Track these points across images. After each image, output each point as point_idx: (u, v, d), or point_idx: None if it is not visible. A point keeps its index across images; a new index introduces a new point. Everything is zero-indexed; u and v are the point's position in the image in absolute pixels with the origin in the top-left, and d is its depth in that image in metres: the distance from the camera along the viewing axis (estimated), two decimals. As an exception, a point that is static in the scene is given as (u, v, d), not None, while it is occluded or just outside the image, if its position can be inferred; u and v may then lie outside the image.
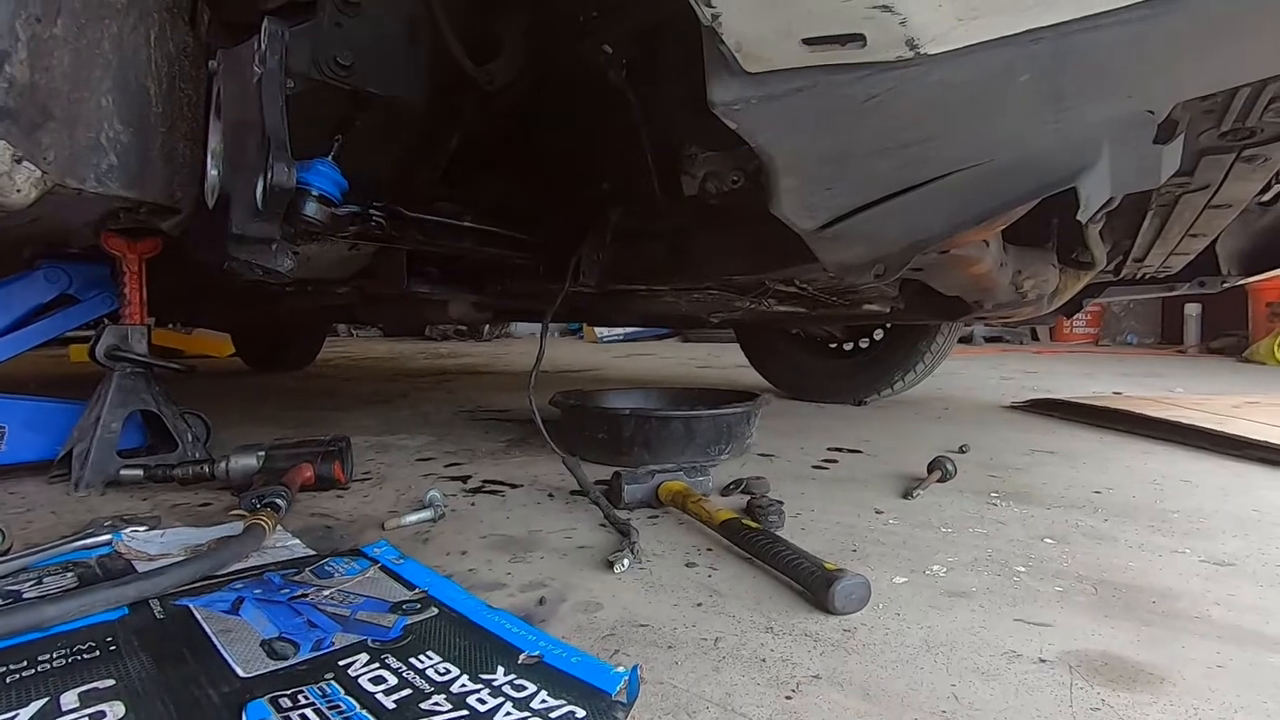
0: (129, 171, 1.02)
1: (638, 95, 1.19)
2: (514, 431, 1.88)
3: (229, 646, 0.64)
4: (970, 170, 0.73)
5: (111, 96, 0.98)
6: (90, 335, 1.38)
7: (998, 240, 1.07)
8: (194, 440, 1.40)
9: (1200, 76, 0.65)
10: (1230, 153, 1.03)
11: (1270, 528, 1.07)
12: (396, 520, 1.06)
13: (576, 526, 1.06)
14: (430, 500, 1.11)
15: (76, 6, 0.94)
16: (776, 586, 0.83)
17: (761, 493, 1.19)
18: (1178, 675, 0.63)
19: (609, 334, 6.99)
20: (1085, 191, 0.73)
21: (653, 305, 1.94)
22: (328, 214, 0.95)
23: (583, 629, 0.72)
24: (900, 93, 0.60)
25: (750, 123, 0.65)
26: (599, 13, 1.14)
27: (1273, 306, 5.17)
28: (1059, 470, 1.45)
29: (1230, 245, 1.69)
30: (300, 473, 1.21)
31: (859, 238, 0.84)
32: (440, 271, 1.69)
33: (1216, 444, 1.64)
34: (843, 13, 0.53)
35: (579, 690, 0.57)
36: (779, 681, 0.62)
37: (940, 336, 2.35)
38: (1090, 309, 6.61)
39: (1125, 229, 1.40)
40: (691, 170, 1.17)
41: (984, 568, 0.90)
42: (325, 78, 0.92)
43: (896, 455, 1.59)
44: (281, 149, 0.87)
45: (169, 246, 1.36)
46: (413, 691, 0.58)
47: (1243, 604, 0.79)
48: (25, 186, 0.91)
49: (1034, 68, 0.58)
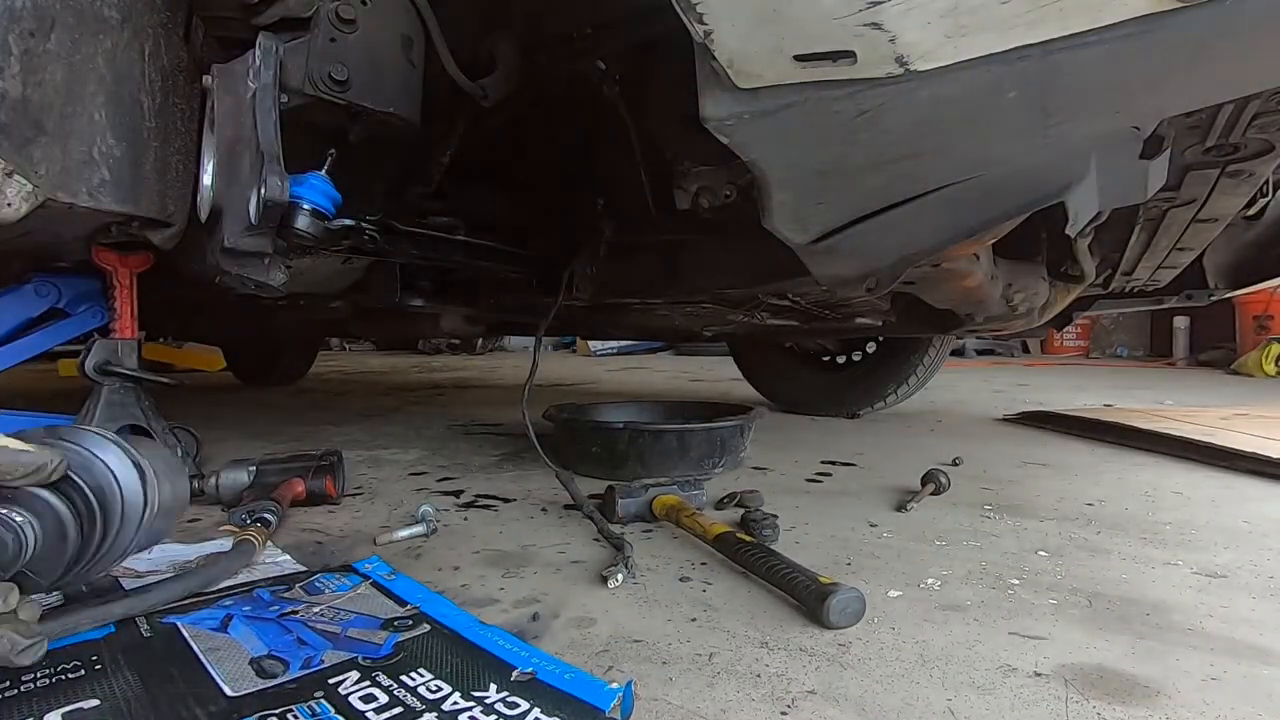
0: (121, 186, 1.01)
1: (631, 110, 1.20)
2: (507, 446, 1.88)
3: (217, 665, 0.63)
4: (960, 185, 0.74)
5: (105, 111, 0.98)
6: (80, 349, 1.37)
7: (988, 254, 1.08)
8: (184, 455, 1.39)
9: (1184, 94, 0.66)
10: (1215, 168, 1.04)
11: (1261, 539, 1.07)
12: (388, 535, 1.05)
13: (570, 541, 1.06)
14: (423, 515, 1.10)
15: (70, 21, 0.94)
16: (771, 601, 0.83)
17: (756, 506, 1.18)
18: (1172, 688, 0.63)
19: (602, 348, 6.99)
20: (1074, 206, 0.74)
21: (646, 319, 1.94)
22: (321, 228, 0.95)
23: (576, 645, 0.72)
24: (890, 108, 0.61)
25: (742, 138, 0.66)
26: (592, 29, 1.16)
27: (1259, 319, 5.23)
28: (1052, 482, 1.46)
29: (1217, 259, 1.71)
30: (291, 488, 1.20)
31: (851, 251, 0.85)
32: (433, 285, 1.69)
33: (1207, 456, 1.65)
34: (833, 30, 0.54)
35: (573, 707, 0.57)
36: (774, 697, 0.61)
37: (932, 350, 2.36)
38: (1080, 322, 6.67)
39: (1114, 243, 1.41)
40: (684, 184, 1.18)
41: (978, 581, 0.90)
42: (319, 93, 0.93)
43: (890, 468, 1.59)
44: (275, 163, 0.87)
45: (161, 260, 1.36)
46: (404, 710, 0.57)
47: (1236, 616, 0.79)
48: (16, 200, 0.90)
49: (1021, 84, 0.58)
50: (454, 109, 1.19)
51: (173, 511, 0.73)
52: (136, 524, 0.63)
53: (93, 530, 0.59)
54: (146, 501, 0.64)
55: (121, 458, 0.64)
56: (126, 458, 0.64)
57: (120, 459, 0.64)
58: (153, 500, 0.65)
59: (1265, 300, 5.15)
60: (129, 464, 0.64)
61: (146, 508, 0.64)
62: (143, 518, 0.64)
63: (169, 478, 0.71)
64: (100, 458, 0.63)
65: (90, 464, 0.62)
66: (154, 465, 0.68)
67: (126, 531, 0.62)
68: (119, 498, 0.61)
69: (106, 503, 0.60)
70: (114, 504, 0.61)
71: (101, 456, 0.63)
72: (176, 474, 0.75)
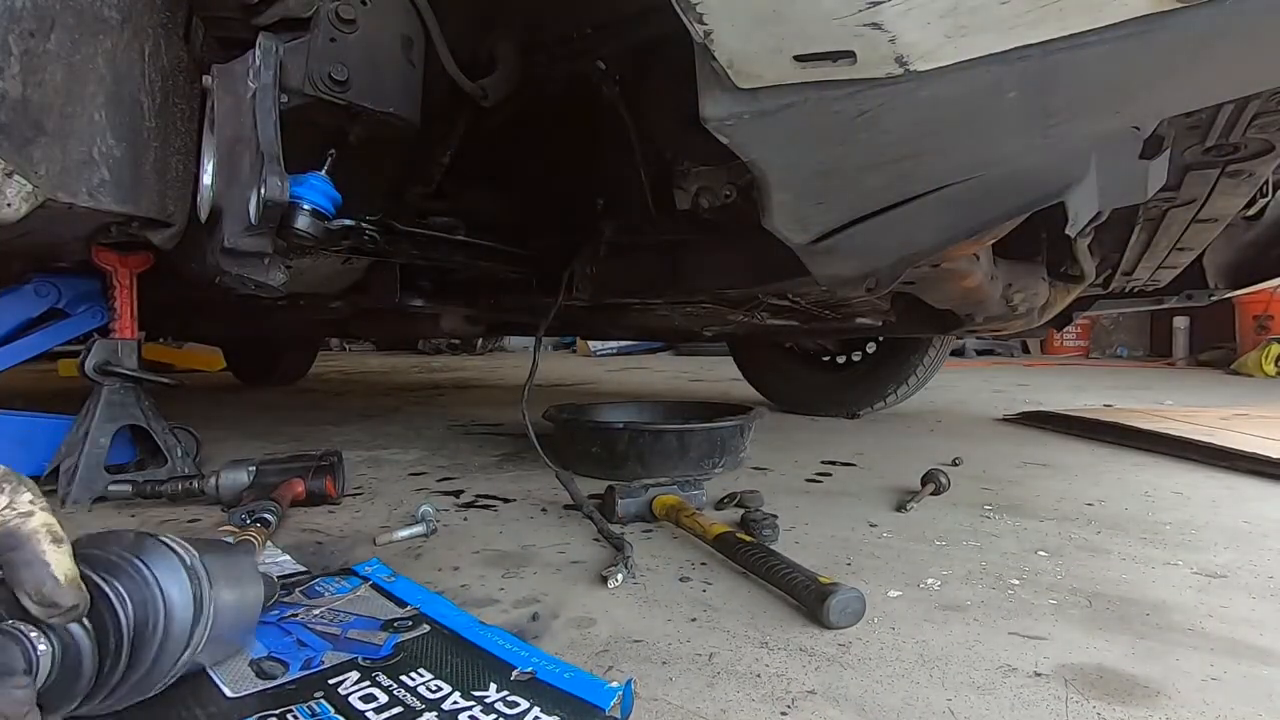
0: (121, 186, 1.01)
1: (631, 111, 1.20)
2: (507, 446, 1.88)
3: (217, 666, 0.63)
4: (960, 185, 0.74)
5: (104, 111, 0.98)
6: (79, 350, 1.37)
7: (988, 254, 1.08)
8: (183, 455, 1.39)
9: (1184, 94, 0.66)
10: (1215, 168, 1.04)
11: (1261, 539, 1.07)
12: (388, 535, 1.05)
13: (570, 541, 1.06)
14: (422, 515, 1.10)
15: (70, 22, 0.94)
16: (771, 601, 0.83)
17: (756, 506, 1.18)
18: (1172, 688, 0.63)
19: (602, 348, 6.99)
20: (1074, 206, 0.74)
21: (646, 319, 1.94)
22: (320, 228, 0.95)
23: (576, 645, 0.71)
24: (890, 109, 0.61)
25: (742, 138, 0.66)
26: (592, 29, 1.16)
27: (1259, 319, 5.22)
28: (1051, 482, 1.46)
29: (1217, 259, 1.71)
30: (291, 488, 1.20)
31: (851, 251, 0.85)
32: (433, 285, 1.69)
33: (1207, 456, 1.65)
34: (833, 30, 0.54)
35: (572, 706, 0.57)
36: (774, 697, 0.61)
37: (932, 350, 2.36)
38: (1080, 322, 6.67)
39: (1114, 243, 1.41)
40: (684, 184, 1.18)
41: (978, 581, 0.90)
42: (319, 93, 0.93)
43: (890, 468, 1.59)
44: (275, 163, 0.87)
45: (161, 260, 1.36)
46: (404, 709, 0.57)
47: (1236, 616, 0.79)
48: (16, 201, 0.90)
49: (1021, 84, 0.58)
50: (454, 109, 1.19)
51: (237, 633, 0.63)
52: (176, 657, 0.54)
53: (115, 666, 0.51)
54: (194, 632, 0.55)
55: (182, 583, 0.55)
56: (187, 582, 0.55)
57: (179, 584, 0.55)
58: (202, 627, 0.56)
59: (1265, 300, 5.15)
60: (185, 588, 0.55)
61: (194, 638, 0.55)
62: (188, 647, 0.55)
63: (236, 591, 0.61)
64: (157, 580, 0.54)
65: (140, 589, 0.53)
66: (221, 582, 0.59)
67: (162, 664, 0.53)
68: (159, 629, 0.53)
69: (143, 638, 0.52)
70: (151, 638, 0.53)
71: (159, 578, 0.54)
72: (247, 584, 0.64)
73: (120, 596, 0.51)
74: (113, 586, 0.51)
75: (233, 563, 0.62)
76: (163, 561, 0.54)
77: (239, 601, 0.61)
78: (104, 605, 0.51)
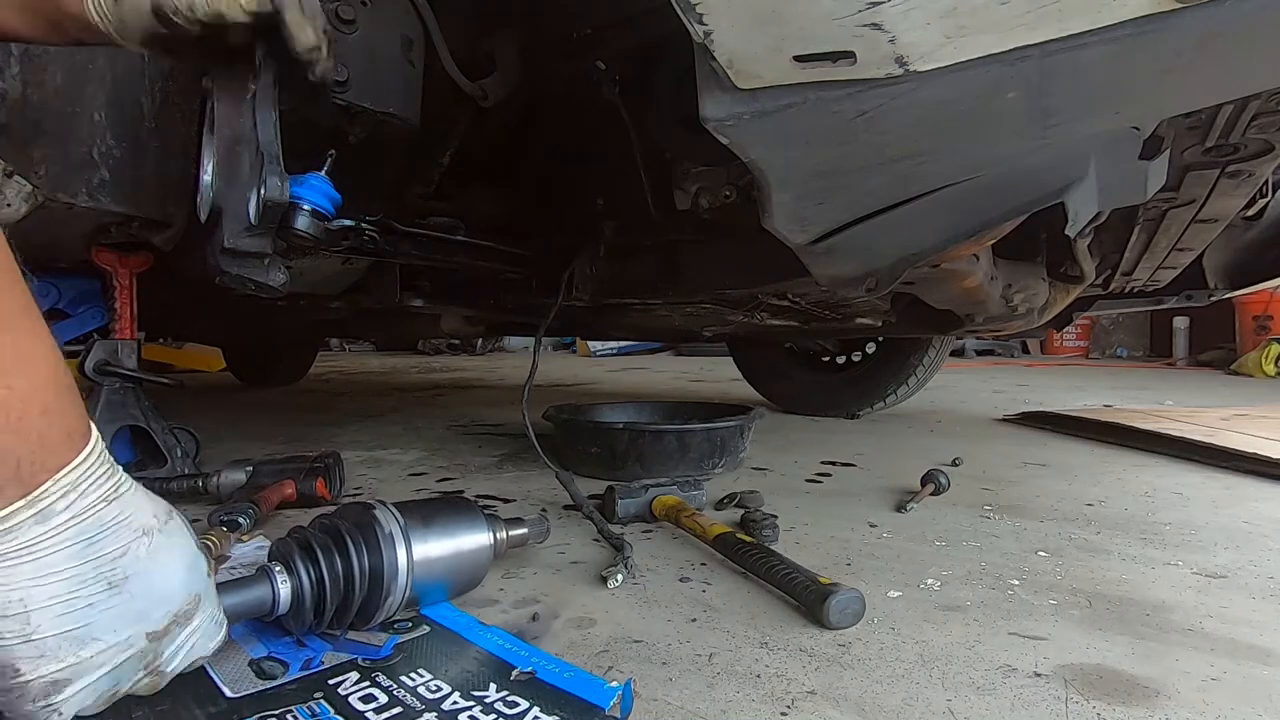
0: (121, 186, 1.01)
1: (631, 111, 1.20)
2: (507, 446, 1.88)
3: (216, 666, 0.63)
4: (960, 185, 0.74)
5: (104, 112, 0.98)
6: (79, 350, 1.37)
7: (988, 254, 1.08)
8: (183, 456, 1.39)
9: (1184, 94, 0.66)
10: (1215, 168, 1.04)
11: (1261, 540, 1.07)
12: (388, 536, 1.05)
13: (570, 541, 1.06)
14: (422, 515, 1.10)
15: (70, 22, 0.93)
16: (771, 601, 0.83)
17: (755, 507, 1.18)
18: (1172, 688, 0.63)
19: (602, 348, 7.00)
20: (1073, 206, 0.74)
21: (646, 319, 1.94)
22: (321, 228, 0.95)
23: (576, 645, 0.71)
24: (890, 109, 0.61)
25: (742, 138, 0.66)
26: (592, 30, 1.16)
27: (1259, 320, 5.23)
28: (1051, 483, 1.46)
29: (1216, 259, 1.71)
30: (280, 490, 1.19)
31: (851, 252, 0.85)
32: (433, 285, 1.69)
33: (1207, 456, 1.65)
34: (833, 30, 0.54)
35: (572, 706, 0.57)
36: (774, 697, 0.61)
37: (932, 350, 2.36)
38: (1080, 322, 6.68)
39: (1113, 243, 1.41)
40: (684, 185, 1.18)
41: (978, 581, 0.90)
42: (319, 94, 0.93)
43: (889, 469, 1.59)
44: (274, 163, 0.87)
45: (160, 261, 1.36)
46: (403, 709, 0.57)
47: (1236, 616, 0.79)
48: (16, 201, 0.90)
49: (1021, 85, 0.58)
50: (454, 109, 1.19)
51: (461, 577, 0.80)
52: (381, 601, 0.71)
53: (345, 600, 0.69)
54: (393, 584, 0.71)
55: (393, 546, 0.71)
56: (395, 544, 0.71)
57: (391, 547, 0.71)
58: (403, 579, 0.72)
59: (1265, 300, 5.15)
60: (394, 549, 0.71)
61: (395, 588, 0.71)
62: (390, 594, 0.71)
63: (449, 543, 0.77)
64: (379, 542, 0.71)
65: (363, 556, 0.70)
66: (432, 539, 0.75)
67: (373, 602, 0.71)
68: (365, 581, 0.70)
69: (359, 587, 0.69)
70: (361, 587, 0.69)
71: (381, 543, 0.71)
72: (462, 537, 0.79)
73: (359, 549, 0.69)
74: (355, 542, 0.69)
75: (449, 523, 0.77)
76: (372, 530, 0.71)
77: (452, 554, 0.76)
78: (341, 558, 0.69)
